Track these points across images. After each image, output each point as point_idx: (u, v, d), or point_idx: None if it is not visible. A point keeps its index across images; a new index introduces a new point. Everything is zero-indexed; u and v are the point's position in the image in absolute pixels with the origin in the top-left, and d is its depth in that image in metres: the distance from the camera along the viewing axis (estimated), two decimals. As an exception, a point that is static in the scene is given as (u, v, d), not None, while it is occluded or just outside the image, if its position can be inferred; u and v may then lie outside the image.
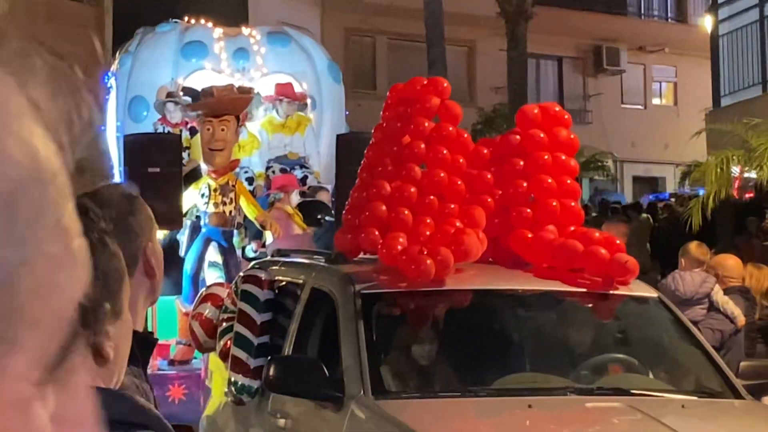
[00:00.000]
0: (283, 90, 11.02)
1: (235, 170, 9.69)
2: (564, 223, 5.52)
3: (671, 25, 30.40)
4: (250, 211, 9.29)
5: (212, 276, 9.03)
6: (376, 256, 5.42)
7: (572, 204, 5.64)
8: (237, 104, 9.55)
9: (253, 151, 10.93)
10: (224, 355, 5.78)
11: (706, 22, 24.42)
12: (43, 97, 0.54)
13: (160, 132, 10.39)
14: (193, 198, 9.20)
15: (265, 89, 11.07)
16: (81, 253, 0.55)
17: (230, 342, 5.68)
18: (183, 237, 9.39)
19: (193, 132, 10.40)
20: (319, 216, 9.64)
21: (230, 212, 9.19)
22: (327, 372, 4.82)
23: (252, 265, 6.44)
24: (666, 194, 24.44)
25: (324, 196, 10.43)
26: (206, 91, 9.65)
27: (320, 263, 5.73)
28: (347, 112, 12.01)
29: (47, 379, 0.52)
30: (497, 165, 5.67)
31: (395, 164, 5.60)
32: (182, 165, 9.44)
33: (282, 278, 5.86)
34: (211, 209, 9.13)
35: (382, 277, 5.26)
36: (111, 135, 11.36)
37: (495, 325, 5.58)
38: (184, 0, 16.58)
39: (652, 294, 5.49)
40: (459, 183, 5.52)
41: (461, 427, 4.62)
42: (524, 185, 5.58)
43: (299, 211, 9.96)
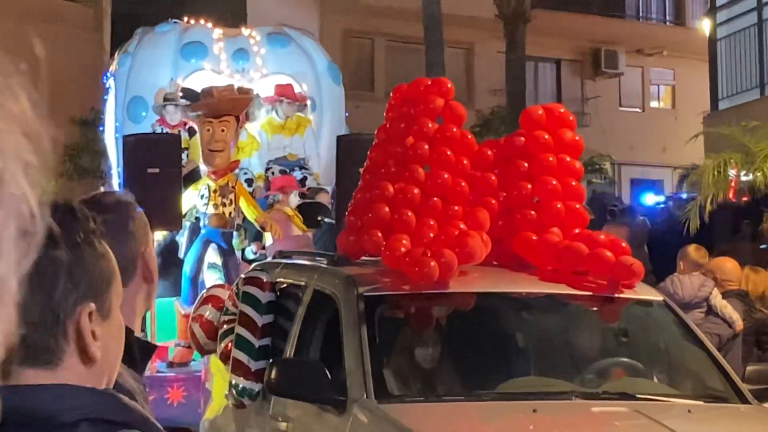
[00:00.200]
0: (283, 91, 10.97)
1: (235, 171, 9.65)
2: (568, 226, 5.47)
3: (669, 28, 30.35)
4: (250, 213, 9.25)
5: (211, 278, 8.99)
6: (379, 258, 5.37)
7: (577, 206, 5.59)
8: (237, 105, 9.51)
9: (253, 153, 10.88)
10: (225, 358, 5.74)
11: (705, 26, 24.40)
12: None
13: (160, 132, 10.34)
14: (193, 199, 9.16)
15: (265, 90, 11.01)
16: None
17: (231, 344, 5.63)
18: (182, 238, 9.34)
19: (192, 133, 10.35)
20: (319, 218, 9.60)
21: (230, 213, 9.14)
22: (329, 375, 4.77)
23: (253, 267, 6.39)
24: (663, 197, 24.37)
25: (323, 198, 10.38)
26: (206, 92, 9.60)
27: (322, 265, 5.68)
28: (347, 114, 11.96)
29: None
30: (501, 166, 5.62)
31: (398, 165, 5.54)
32: (182, 166, 9.40)
33: (284, 280, 5.81)
34: (211, 210, 9.09)
35: (386, 280, 5.21)
36: (110, 136, 11.31)
37: (499, 329, 5.53)
38: (183, 1, 16.58)
39: (658, 297, 5.44)
40: (463, 184, 5.46)
41: (465, 432, 4.57)
42: (528, 187, 5.53)
43: (299, 213, 9.92)
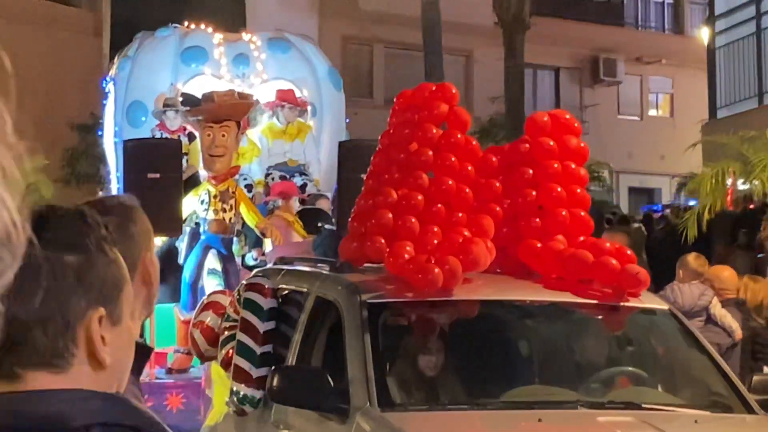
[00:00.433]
0: (285, 95, 10.94)
1: (235, 177, 9.60)
2: (573, 233, 5.42)
3: (668, 37, 30.40)
4: (251, 219, 9.19)
5: (211, 283, 8.94)
6: (382, 265, 5.33)
7: (582, 213, 5.54)
8: (238, 110, 9.47)
9: (253, 159, 10.84)
10: (226, 365, 5.69)
11: (703, 34, 24.42)
12: None
13: (161, 137, 10.30)
14: (193, 204, 9.11)
15: (265, 95, 10.98)
16: None
17: (232, 351, 5.59)
18: (182, 244, 9.29)
19: (192, 138, 10.31)
20: (320, 224, 9.55)
21: (230, 219, 9.09)
22: (332, 383, 4.73)
23: (255, 273, 6.34)
24: (659, 206, 24.38)
25: (324, 204, 10.34)
26: (207, 97, 9.56)
27: (325, 272, 5.63)
28: (348, 119, 11.93)
29: None
30: (506, 173, 5.58)
31: (402, 171, 5.49)
32: (182, 171, 9.35)
33: (286, 287, 5.76)
34: (211, 216, 9.04)
35: (389, 287, 5.15)
36: (109, 140, 11.27)
37: (503, 337, 5.48)
38: (182, 6, 16.57)
39: (663, 306, 5.40)
40: (467, 191, 5.42)
41: (470, 441, 4.53)
42: (533, 194, 5.49)
43: (299, 219, 9.88)
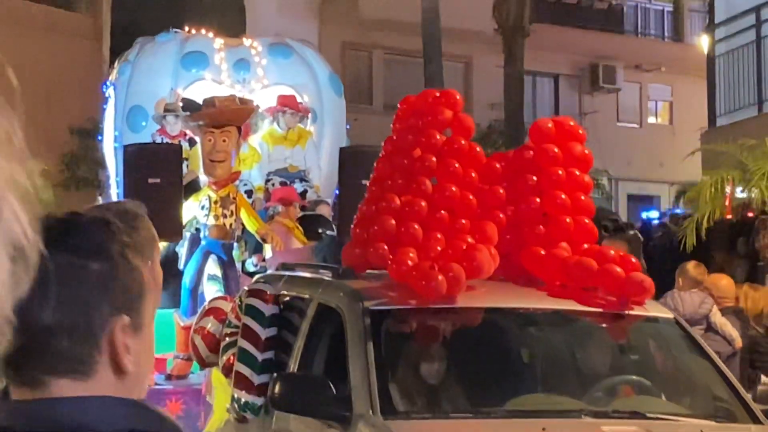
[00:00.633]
0: (286, 101, 10.90)
1: (235, 182, 9.56)
2: (577, 241, 5.39)
3: (668, 44, 30.38)
4: (251, 224, 9.14)
5: (211, 289, 8.89)
6: (385, 272, 5.29)
7: (586, 221, 5.51)
8: (239, 115, 9.42)
9: (254, 165, 10.80)
10: (227, 371, 5.66)
11: (703, 42, 24.40)
12: None
13: (161, 142, 10.25)
14: (193, 210, 9.06)
15: (266, 101, 10.94)
16: None
17: (234, 357, 5.56)
18: (182, 249, 9.25)
19: (192, 143, 10.27)
20: (320, 230, 9.50)
21: (231, 225, 9.04)
22: (334, 390, 4.69)
23: (257, 279, 6.30)
24: (657, 213, 24.36)
25: (324, 210, 10.30)
26: (208, 101, 9.50)
27: (327, 278, 5.59)
28: (348, 126, 11.89)
29: None
30: (510, 180, 5.55)
31: (405, 177, 5.46)
32: (183, 176, 9.31)
33: (287, 293, 5.73)
34: (212, 222, 8.99)
35: (392, 294, 5.12)
36: (108, 145, 11.23)
37: (507, 345, 5.44)
38: (182, 11, 16.55)
39: (668, 315, 5.36)
40: (471, 198, 5.39)
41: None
42: (537, 201, 5.46)
43: (299, 225, 9.84)
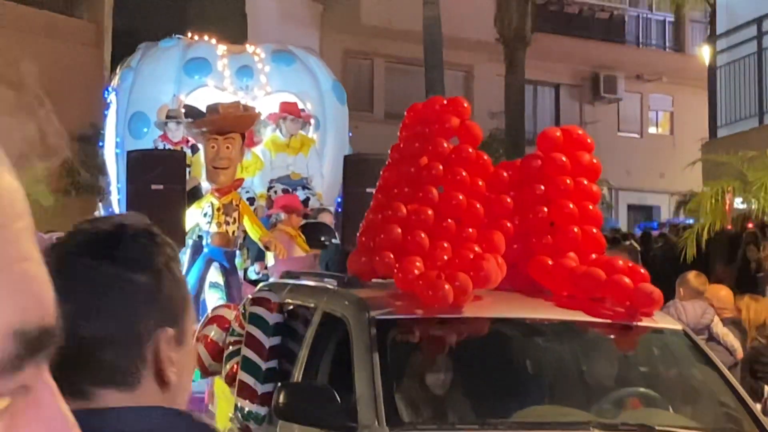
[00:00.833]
0: (288, 108, 10.86)
1: (238, 190, 9.52)
2: (585, 251, 5.34)
3: (669, 55, 30.41)
4: (254, 232, 9.09)
5: (213, 297, 8.84)
6: (391, 281, 5.23)
7: (594, 230, 5.46)
8: (243, 122, 9.38)
9: (256, 172, 10.76)
10: (230, 380, 5.59)
11: (704, 53, 24.37)
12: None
13: (165, 149, 10.21)
14: (196, 217, 9.02)
15: (269, 108, 10.90)
16: (23, 280, 0.54)
17: (237, 366, 5.50)
18: (184, 257, 9.19)
19: (194, 150, 10.23)
20: (323, 238, 9.45)
21: (233, 232, 9.00)
22: (339, 400, 4.63)
23: (261, 287, 6.25)
24: (655, 223, 24.38)
25: (327, 218, 10.24)
26: (212, 108, 9.46)
27: (332, 287, 5.54)
28: (350, 133, 11.84)
29: None
30: (517, 189, 5.50)
31: (412, 186, 5.41)
32: (186, 183, 9.27)
33: (292, 301, 5.67)
34: (214, 229, 8.94)
35: (398, 303, 5.06)
36: (110, 151, 11.17)
37: (514, 355, 5.38)
38: (183, 18, 16.52)
39: (676, 326, 5.31)
40: (478, 206, 5.34)
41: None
42: (545, 210, 5.41)
43: (301, 233, 9.78)
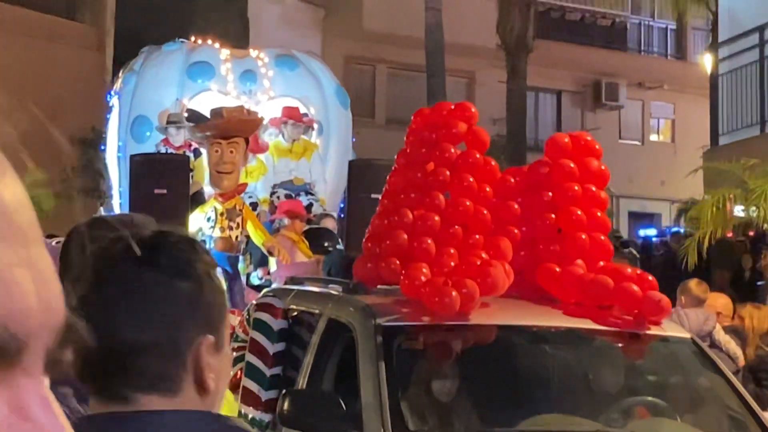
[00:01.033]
0: (290, 112, 10.82)
1: (242, 194, 9.47)
2: (593, 258, 5.29)
3: (670, 62, 30.42)
4: (258, 237, 9.04)
5: (215, 302, 8.78)
6: (396, 287, 5.19)
7: (602, 238, 5.41)
8: (247, 126, 9.33)
9: (260, 177, 10.71)
10: (234, 386, 5.55)
11: (706, 61, 24.37)
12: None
13: (169, 153, 10.17)
14: (199, 221, 8.97)
15: (272, 113, 10.86)
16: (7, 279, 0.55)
17: (241, 372, 5.46)
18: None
19: (197, 154, 10.19)
20: (326, 243, 9.40)
21: (236, 237, 8.95)
22: (344, 408, 4.59)
23: (265, 293, 6.20)
24: (655, 230, 24.36)
25: (330, 224, 10.19)
26: (216, 112, 9.41)
27: (338, 293, 5.49)
28: (354, 139, 11.79)
29: None
30: (525, 195, 5.45)
31: (418, 191, 5.37)
32: (189, 187, 9.22)
33: (297, 307, 5.63)
34: (217, 234, 8.89)
35: (404, 310, 5.01)
36: (112, 155, 11.12)
37: (521, 363, 5.34)
38: (185, 22, 16.48)
39: (685, 335, 5.27)
40: (485, 213, 5.29)
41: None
42: (552, 217, 5.36)
43: (304, 238, 9.73)
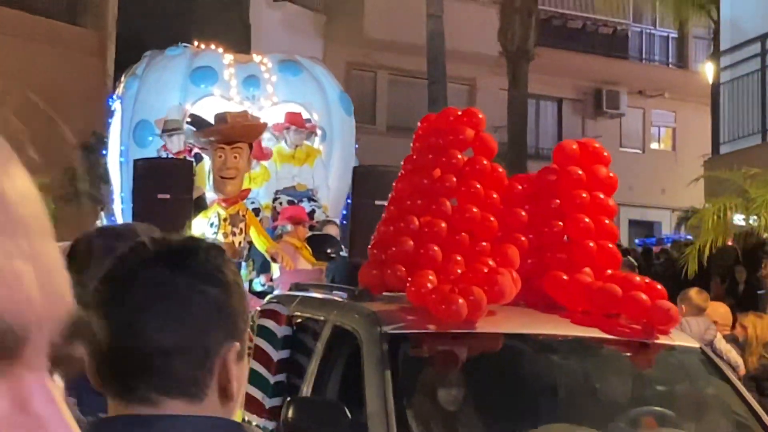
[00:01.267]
0: (292, 118, 10.78)
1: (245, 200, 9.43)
2: (601, 266, 5.25)
3: (672, 71, 30.43)
4: (261, 243, 8.99)
5: (217, 309, 8.73)
6: (402, 294, 5.14)
7: (610, 246, 5.37)
8: (250, 131, 9.29)
9: (263, 183, 10.66)
10: (237, 394, 5.49)
11: (707, 69, 24.36)
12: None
13: (172, 158, 10.12)
14: (202, 227, 8.92)
15: (275, 118, 10.81)
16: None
17: (244, 380, 5.40)
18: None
19: (198, 159, 10.14)
20: (329, 250, 9.34)
21: (239, 243, 8.91)
22: (350, 416, 4.54)
23: (269, 299, 6.15)
24: (653, 239, 24.36)
25: (332, 230, 10.14)
26: (220, 117, 9.36)
27: (343, 300, 5.44)
28: (356, 145, 11.74)
29: None
30: (532, 202, 5.41)
31: (425, 198, 5.33)
32: (192, 192, 9.17)
33: (301, 314, 5.58)
34: (220, 239, 8.84)
35: (410, 318, 4.96)
36: (113, 160, 11.07)
37: (528, 372, 5.28)
38: (187, 27, 16.46)
39: (693, 344, 5.22)
40: (492, 220, 5.25)
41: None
42: (560, 224, 5.32)
43: (307, 245, 9.68)
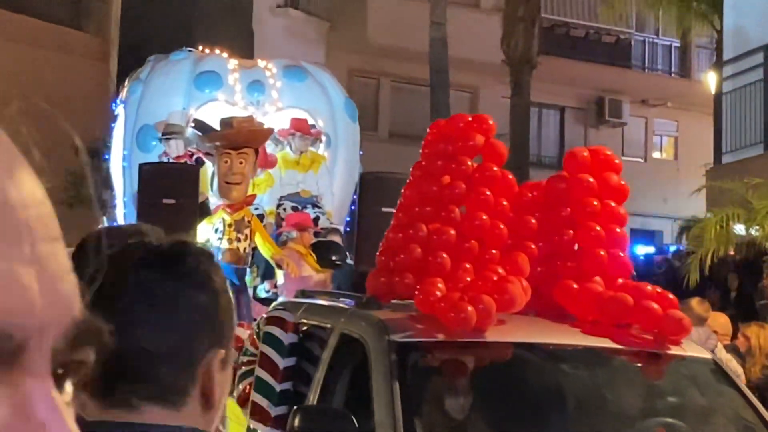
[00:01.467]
0: (298, 124, 10.72)
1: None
2: (612, 275, 5.19)
3: (674, 80, 30.37)
4: (266, 249, 8.93)
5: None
6: (410, 302, 5.08)
7: (621, 254, 5.31)
8: (256, 137, 9.23)
9: (267, 190, 10.60)
10: (243, 401, 5.45)
11: (710, 79, 24.34)
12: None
13: (177, 162, 10.06)
14: (207, 232, 8.86)
15: (280, 124, 10.74)
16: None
17: (250, 387, 5.35)
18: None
19: (199, 163, 10.08)
20: (334, 257, 9.28)
21: (244, 249, 8.84)
22: (357, 425, 4.49)
23: (275, 306, 6.09)
24: (654, 249, 24.30)
25: (336, 237, 10.08)
26: (225, 122, 9.30)
27: (350, 308, 5.38)
28: (362, 152, 11.67)
29: None
30: (542, 210, 5.35)
31: (434, 205, 5.27)
32: (198, 197, 9.11)
33: (308, 321, 5.52)
34: (225, 245, 8.79)
35: (418, 326, 4.90)
36: (116, 164, 11.00)
37: (537, 382, 5.22)
38: (190, 32, 16.43)
39: (706, 355, 5.16)
40: (501, 227, 5.19)
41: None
42: (570, 233, 5.26)
43: (312, 252, 9.62)
